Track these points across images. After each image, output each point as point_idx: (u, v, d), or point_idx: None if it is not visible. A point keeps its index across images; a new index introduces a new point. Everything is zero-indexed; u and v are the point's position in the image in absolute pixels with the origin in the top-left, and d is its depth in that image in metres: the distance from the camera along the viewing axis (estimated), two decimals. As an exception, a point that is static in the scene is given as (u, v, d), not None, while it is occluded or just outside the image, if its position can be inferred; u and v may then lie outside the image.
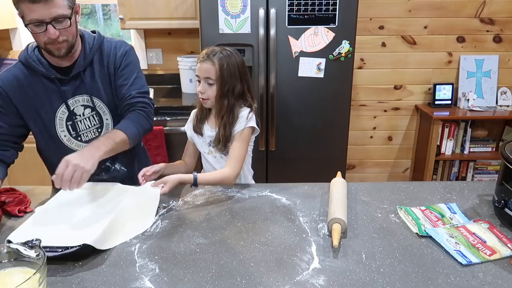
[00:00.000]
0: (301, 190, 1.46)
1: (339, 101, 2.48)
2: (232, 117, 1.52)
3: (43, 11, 1.23)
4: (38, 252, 0.90)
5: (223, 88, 1.50)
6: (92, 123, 1.48)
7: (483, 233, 1.15)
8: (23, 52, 1.41)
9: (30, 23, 1.25)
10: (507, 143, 1.24)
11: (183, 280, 0.98)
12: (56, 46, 1.32)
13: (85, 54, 1.42)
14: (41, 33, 1.27)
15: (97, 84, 1.45)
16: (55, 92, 1.41)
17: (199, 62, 1.51)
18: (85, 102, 1.45)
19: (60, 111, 1.43)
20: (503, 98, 3.08)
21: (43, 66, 1.38)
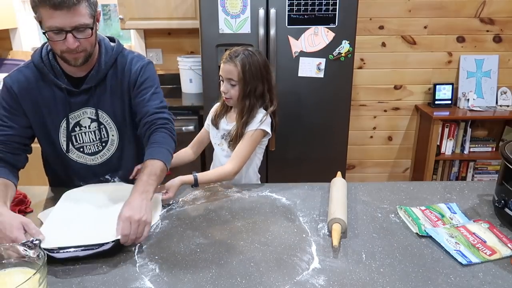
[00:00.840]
0: (301, 190, 1.46)
1: (339, 101, 2.48)
2: (251, 117, 1.56)
3: (65, 19, 1.17)
4: (38, 252, 0.90)
5: (245, 89, 1.54)
6: (97, 137, 1.43)
7: (483, 233, 1.15)
8: (37, 54, 1.34)
9: (49, 30, 1.18)
10: (507, 143, 1.25)
11: (183, 280, 0.98)
12: (73, 55, 1.26)
13: (100, 67, 1.36)
14: (59, 41, 1.21)
15: (107, 99, 1.40)
16: (63, 102, 1.36)
17: (222, 63, 1.55)
18: (92, 115, 1.40)
19: (65, 121, 1.39)
20: (503, 98, 3.08)
21: (56, 74, 1.33)
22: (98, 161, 1.47)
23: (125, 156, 1.50)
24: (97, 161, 1.47)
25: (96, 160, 1.47)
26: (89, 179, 1.49)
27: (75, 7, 1.17)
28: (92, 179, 1.49)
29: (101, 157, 1.47)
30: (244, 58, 1.52)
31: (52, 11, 1.15)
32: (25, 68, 1.35)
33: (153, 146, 1.32)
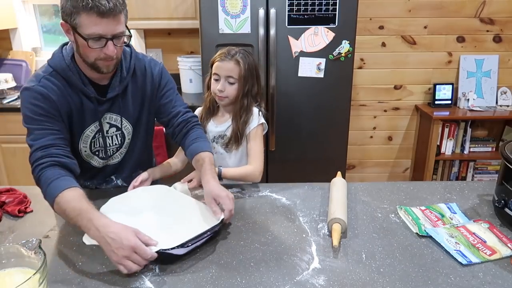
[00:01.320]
0: (301, 190, 1.46)
1: (339, 101, 2.48)
2: (248, 116, 1.56)
3: (109, 26, 1.16)
4: (38, 252, 0.90)
5: (244, 88, 1.53)
6: (114, 142, 1.43)
7: (483, 233, 1.15)
8: (59, 61, 1.28)
9: (90, 37, 1.16)
10: (507, 143, 1.24)
11: (183, 280, 0.98)
12: (107, 62, 1.25)
13: (122, 74, 1.36)
14: (97, 48, 1.19)
15: (128, 104, 1.40)
16: (90, 110, 1.33)
17: (219, 61, 1.52)
18: (113, 121, 1.40)
19: (90, 129, 1.36)
20: (503, 98, 3.08)
21: (84, 83, 1.30)
22: (109, 162, 1.48)
23: (133, 159, 1.52)
24: (108, 163, 1.48)
25: (108, 162, 1.47)
26: (94, 180, 1.51)
27: (119, 15, 1.18)
28: (98, 180, 1.51)
29: (112, 159, 1.48)
30: (243, 57, 1.53)
31: (98, 18, 1.14)
32: (50, 76, 1.27)
33: (200, 140, 1.42)
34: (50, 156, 1.19)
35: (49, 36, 3.27)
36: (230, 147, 1.59)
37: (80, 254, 1.09)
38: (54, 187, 1.12)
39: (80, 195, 1.12)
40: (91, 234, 1.03)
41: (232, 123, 1.59)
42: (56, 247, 1.13)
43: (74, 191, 1.12)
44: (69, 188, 1.12)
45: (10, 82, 2.84)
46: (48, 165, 1.17)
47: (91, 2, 1.12)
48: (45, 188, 1.14)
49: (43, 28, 3.24)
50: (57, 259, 1.07)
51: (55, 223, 1.26)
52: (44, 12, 3.22)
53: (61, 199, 1.10)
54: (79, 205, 1.07)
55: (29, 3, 3.11)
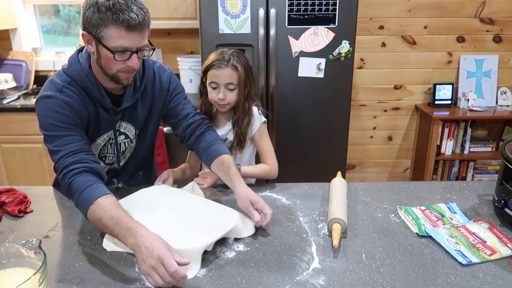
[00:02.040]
0: (301, 190, 1.46)
1: (339, 101, 2.48)
2: (250, 118, 1.54)
3: (135, 40, 1.17)
4: (38, 252, 0.90)
5: (244, 91, 1.49)
6: (121, 149, 1.44)
7: (483, 233, 1.15)
8: (78, 72, 1.26)
9: (116, 50, 1.16)
10: (507, 143, 1.25)
11: (183, 280, 0.98)
12: (128, 75, 1.25)
13: (135, 86, 1.36)
14: (121, 60, 1.19)
15: (137, 112, 1.41)
16: (105, 120, 1.34)
17: (215, 69, 1.45)
18: (122, 129, 1.40)
19: (102, 138, 1.37)
20: (503, 98, 3.08)
21: (101, 93, 1.30)
22: (112, 167, 1.48)
23: (135, 162, 1.52)
24: (111, 167, 1.48)
25: (111, 166, 1.48)
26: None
27: (146, 30, 1.19)
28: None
29: (116, 164, 1.48)
30: (239, 60, 1.47)
31: (127, 32, 1.15)
32: (69, 85, 1.26)
33: (218, 143, 1.43)
34: (81, 162, 1.18)
35: (49, 36, 3.27)
36: (234, 151, 1.56)
37: (80, 254, 1.09)
38: (88, 194, 1.11)
39: (116, 203, 1.11)
40: (129, 242, 1.01)
41: (234, 127, 1.55)
42: (56, 247, 1.13)
43: (109, 198, 1.11)
44: (104, 195, 1.11)
45: (10, 82, 2.84)
46: (80, 171, 1.16)
47: (122, 16, 1.12)
48: (78, 195, 1.13)
49: (43, 28, 3.24)
50: (57, 259, 1.07)
51: (55, 223, 1.26)
52: (44, 12, 3.21)
53: (97, 207, 1.09)
54: (116, 214, 1.06)
55: (29, 3, 3.11)
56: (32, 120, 2.58)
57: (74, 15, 3.23)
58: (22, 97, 2.84)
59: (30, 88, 3.01)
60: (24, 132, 2.59)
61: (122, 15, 1.12)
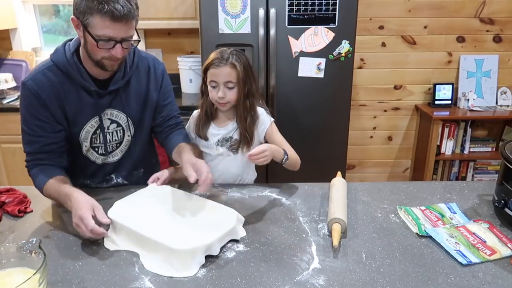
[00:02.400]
0: (301, 190, 1.46)
1: (339, 101, 2.47)
2: (255, 116, 1.54)
3: (120, 30, 1.20)
4: (38, 252, 0.90)
5: (244, 90, 1.49)
6: (114, 138, 1.45)
7: (483, 233, 1.15)
8: (61, 56, 1.30)
9: (100, 39, 1.20)
10: (507, 143, 1.25)
11: (183, 280, 0.98)
12: (112, 62, 1.28)
13: (125, 71, 1.39)
14: (105, 49, 1.23)
15: (130, 99, 1.42)
16: (89, 104, 1.35)
17: (214, 67, 1.45)
18: (113, 117, 1.41)
19: (90, 123, 1.38)
20: (503, 98, 3.08)
21: (83, 77, 1.31)
22: (109, 160, 1.48)
23: (133, 156, 1.53)
24: (108, 161, 1.48)
25: (107, 160, 1.48)
26: (95, 178, 1.51)
27: (131, 21, 1.22)
28: (98, 178, 1.51)
29: (112, 157, 1.49)
30: (237, 58, 1.47)
31: (111, 22, 1.18)
32: (47, 70, 1.30)
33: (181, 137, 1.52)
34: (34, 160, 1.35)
35: (49, 36, 3.27)
36: (241, 149, 1.55)
37: (80, 254, 1.09)
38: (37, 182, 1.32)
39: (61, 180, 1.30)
40: (68, 205, 1.20)
41: (238, 126, 1.55)
42: (56, 247, 1.13)
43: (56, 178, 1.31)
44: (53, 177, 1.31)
45: (10, 82, 2.84)
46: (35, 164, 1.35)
47: (106, 7, 1.15)
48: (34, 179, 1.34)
49: (43, 28, 3.24)
50: (57, 259, 1.07)
51: (55, 223, 1.26)
52: (44, 12, 3.21)
53: (47, 186, 1.30)
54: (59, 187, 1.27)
55: (29, 3, 3.11)
56: (32, 120, 2.58)
57: (74, 15, 3.23)
58: (22, 97, 2.84)
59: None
60: (24, 132, 2.59)
61: (107, 5, 1.15)
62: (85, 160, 1.46)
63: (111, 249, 1.12)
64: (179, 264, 1.02)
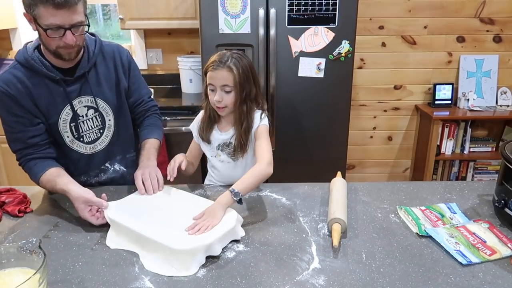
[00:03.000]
0: (301, 190, 1.46)
1: (339, 101, 2.48)
2: (250, 121, 1.48)
3: (65, 17, 1.22)
4: (38, 252, 0.90)
5: (241, 94, 1.44)
6: (95, 124, 1.48)
7: (483, 233, 1.15)
8: (22, 53, 1.37)
9: (48, 28, 1.23)
10: (507, 143, 1.25)
11: (183, 280, 0.98)
12: (68, 50, 1.31)
13: (89, 56, 1.42)
14: (57, 37, 1.26)
15: (101, 85, 1.46)
16: (59, 94, 1.38)
17: (212, 70, 1.43)
18: (89, 103, 1.45)
19: (64, 112, 1.41)
20: (503, 98, 3.08)
21: (46, 67, 1.35)
22: (97, 148, 1.50)
23: (122, 139, 1.55)
24: (96, 149, 1.50)
25: (95, 148, 1.50)
26: (90, 172, 1.52)
27: (75, 6, 1.23)
28: (93, 171, 1.53)
29: (100, 145, 1.51)
30: (236, 61, 1.42)
31: (54, 10, 1.20)
32: (12, 69, 1.36)
33: (151, 127, 1.59)
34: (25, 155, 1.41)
35: (49, 36, 3.27)
36: (236, 155, 1.53)
37: (80, 254, 1.09)
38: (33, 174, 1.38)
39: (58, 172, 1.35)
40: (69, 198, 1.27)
41: (235, 131, 1.52)
42: (56, 247, 1.13)
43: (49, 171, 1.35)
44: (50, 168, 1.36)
45: (10, 82, 2.83)
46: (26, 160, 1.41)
47: None
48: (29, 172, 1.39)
49: (43, 28, 3.24)
50: (57, 259, 1.07)
51: (55, 223, 1.26)
52: (44, 12, 3.21)
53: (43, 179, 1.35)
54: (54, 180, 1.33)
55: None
56: (32, 120, 2.58)
57: (74, 15, 3.23)
58: (22, 97, 2.84)
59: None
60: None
61: None
62: (75, 154, 1.48)
63: (112, 247, 1.12)
64: (179, 264, 1.02)
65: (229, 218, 1.17)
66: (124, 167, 1.58)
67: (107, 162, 1.54)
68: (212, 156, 1.58)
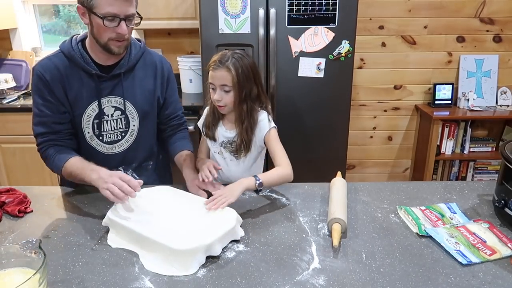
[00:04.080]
0: (301, 190, 1.46)
1: (339, 101, 2.48)
2: (252, 121, 1.50)
3: (122, 7, 1.29)
4: (38, 252, 0.90)
5: (240, 94, 1.46)
6: (118, 126, 1.48)
7: (483, 233, 1.15)
8: (67, 44, 1.41)
9: (105, 16, 1.28)
10: (507, 143, 1.24)
11: (183, 281, 0.98)
12: (119, 43, 1.36)
13: (130, 57, 1.46)
14: (111, 27, 1.30)
15: (134, 89, 1.48)
16: (90, 88, 1.41)
17: (212, 70, 1.46)
18: (117, 104, 1.46)
19: (90, 108, 1.43)
20: (503, 98, 3.08)
21: (84, 60, 1.40)
22: (114, 150, 1.51)
23: (142, 147, 1.56)
24: (114, 151, 1.51)
25: (113, 150, 1.51)
26: None
27: None
28: None
29: (118, 147, 1.51)
30: (236, 61, 1.44)
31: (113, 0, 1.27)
32: (54, 56, 1.41)
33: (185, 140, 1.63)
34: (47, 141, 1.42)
35: (49, 36, 3.27)
36: (239, 153, 1.54)
37: (80, 254, 1.09)
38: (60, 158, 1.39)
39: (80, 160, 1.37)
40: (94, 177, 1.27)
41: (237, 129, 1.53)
42: (56, 247, 1.13)
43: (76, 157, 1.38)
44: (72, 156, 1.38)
45: (10, 82, 2.84)
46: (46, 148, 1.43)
47: None
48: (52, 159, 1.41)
49: (43, 28, 3.24)
50: (57, 259, 1.07)
51: (55, 223, 1.26)
52: (44, 12, 3.21)
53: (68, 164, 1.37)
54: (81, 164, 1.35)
55: (29, 3, 3.11)
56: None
57: (74, 15, 3.23)
58: (22, 97, 2.84)
59: (30, 88, 3.01)
60: (24, 132, 2.59)
61: None
62: (90, 150, 1.48)
63: (113, 246, 1.12)
64: (179, 264, 1.02)
65: (229, 218, 1.17)
66: (137, 175, 1.56)
67: (121, 167, 1.53)
68: (215, 152, 1.60)
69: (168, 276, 1.00)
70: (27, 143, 2.65)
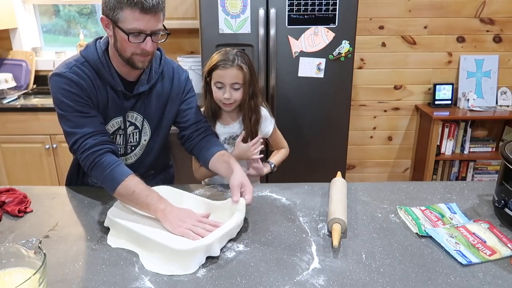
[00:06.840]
0: (301, 190, 1.46)
1: (339, 101, 2.48)
2: (258, 116, 1.58)
3: (149, 22, 1.21)
4: (38, 252, 0.90)
5: (249, 90, 1.52)
6: (130, 140, 1.46)
7: (483, 233, 1.15)
8: (92, 53, 1.32)
9: (131, 32, 1.21)
10: (507, 143, 1.24)
11: (183, 280, 0.98)
12: (143, 58, 1.29)
13: (150, 74, 1.40)
14: (136, 43, 1.23)
15: (151, 104, 1.43)
16: (116, 104, 1.37)
17: (221, 69, 1.47)
18: (133, 119, 1.42)
19: (112, 123, 1.39)
20: (503, 98, 3.08)
21: (113, 76, 1.33)
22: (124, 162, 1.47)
23: (147, 161, 1.53)
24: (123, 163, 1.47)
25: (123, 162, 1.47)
26: None
27: (159, 13, 1.24)
28: None
29: (126, 160, 1.48)
30: (243, 60, 1.50)
31: (140, 14, 1.19)
32: (80, 65, 1.31)
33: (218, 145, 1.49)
34: (103, 143, 1.28)
35: (49, 36, 3.27)
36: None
37: (80, 254, 1.09)
38: (119, 172, 1.24)
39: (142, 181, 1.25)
40: (160, 209, 1.17)
41: (243, 125, 1.58)
42: (56, 247, 1.13)
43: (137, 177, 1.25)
44: (133, 174, 1.25)
45: (10, 82, 2.84)
46: (104, 151, 1.27)
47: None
48: (108, 171, 1.24)
49: (43, 28, 3.24)
50: (57, 259, 1.07)
51: (55, 223, 1.26)
52: (44, 12, 3.21)
53: (130, 182, 1.22)
54: (147, 188, 1.22)
55: (29, 3, 3.11)
56: (32, 120, 2.58)
57: (74, 15, 3.23)
58: (22, 97, 2.84)
59: (30, 88, 3.01)
60: (24, 132, 2.59)
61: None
62: None
63: (113, 246, 1.12)
64: (179, 264, 1.02)
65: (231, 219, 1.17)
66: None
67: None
68: None
69: (168, 276, 1.00)
70: (27, 143, 2.65)
